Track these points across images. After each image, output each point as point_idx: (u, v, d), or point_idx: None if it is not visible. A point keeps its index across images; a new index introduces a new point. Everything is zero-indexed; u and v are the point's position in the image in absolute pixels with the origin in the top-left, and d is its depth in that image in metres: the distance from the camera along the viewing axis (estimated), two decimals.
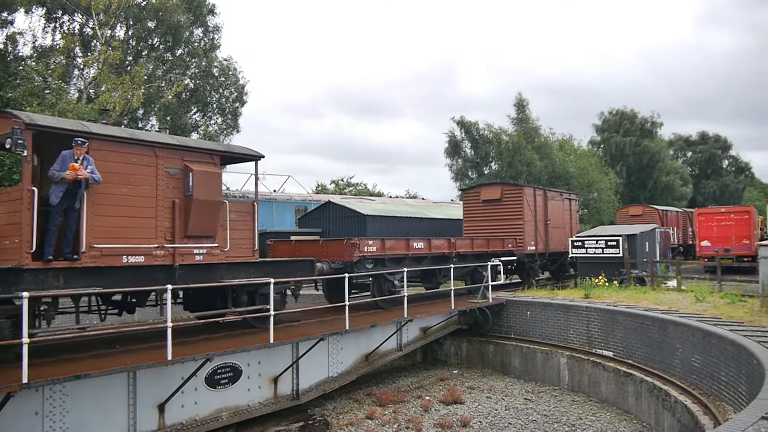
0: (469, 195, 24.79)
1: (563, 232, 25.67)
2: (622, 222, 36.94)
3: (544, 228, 24.07)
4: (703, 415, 9.96)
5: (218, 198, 11.41)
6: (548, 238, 24.21)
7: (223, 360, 11.01)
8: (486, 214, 23.60)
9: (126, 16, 31.61)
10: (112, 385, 9.46)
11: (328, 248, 15.27)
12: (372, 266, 15.41)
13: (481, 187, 24.69)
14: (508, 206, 23.00)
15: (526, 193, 23.14)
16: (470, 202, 24.44)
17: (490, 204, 23.56)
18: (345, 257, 14.66)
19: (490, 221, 23.28)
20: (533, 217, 23.24)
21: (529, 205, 23.04)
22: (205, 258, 11.27)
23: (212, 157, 11.64)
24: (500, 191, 23.32)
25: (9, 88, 25.72)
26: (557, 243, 24.90)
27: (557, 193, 26.23)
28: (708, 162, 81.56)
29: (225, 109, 37.31)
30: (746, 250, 28.28)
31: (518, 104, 48.43)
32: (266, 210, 30.14)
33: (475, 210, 24.08)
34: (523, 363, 16.35)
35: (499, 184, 24.66)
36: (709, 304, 15.09)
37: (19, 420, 8.42)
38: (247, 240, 12.23)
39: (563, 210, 26.01)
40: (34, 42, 31.02)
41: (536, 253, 23.44)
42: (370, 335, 14.39)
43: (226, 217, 11.72)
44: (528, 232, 22.76)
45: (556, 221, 25.06)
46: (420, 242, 17.07)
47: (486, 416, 12.69)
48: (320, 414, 12.86)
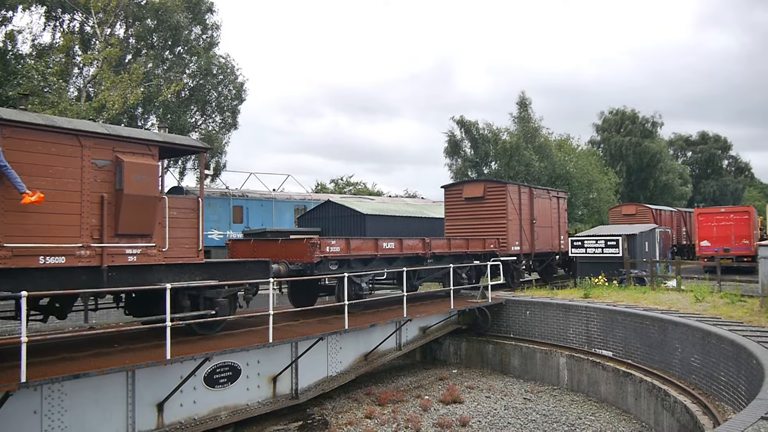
0: (450, 193, 23.54)
1: (550, 231, 24.86)
2: (615, 221, 36.64)
3: (530, 227, 23.19)
4: (703, 415, 9.95)
5: (154, 193, 10.33)
6: (534, 238, 23.31)
7: (222, 359, 11.01)
8: (468, 212, 22.64)
9: (125, 15, 31.59)
10: (111, 384, 9.45)
11: (287, 249, 14.11)
12: (336, 268, 14.33)
13: (464, 185, 23.51)
14: (492, 204, 22.02)
15: (510, 191, 22.20)
16: (452, 201, 23.33)
17: (472, 202, 22.54)
18: (305, 258, 13.62)
19: (472, 220, 22.35)
20: (518, 215, 22.39)
21: (514, 204, 22.15)
22: (139, 259, 10.20)
23: (149, 148, 10.56)
24: (483, 189, 22.27)
25: (9, 87, 25.70)
26: (544, 243, 24.14)
27: (544, 191, 25.13)
28: (708, 162, 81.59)
29: (224, 108, 37.30)
30: (746, 250, 28.29)
31: (521, 102, 48.43)
32: (266, 209, 30.16)
33: (457, 208, 23.08)
34: (522, 363, 16.34)
35: (481, 181, 23.58)
36: (708, 304, 15.09)
37: (18, 419, 8.42)
38: (191, 239, 11.16)
39: (551, 208, 25.05)
40: (33, 40, 31.03)
41: (521, 254, 22.38)
42: (369, 335, 14.38)
43: (165, 214, 10.66)
44: (512, 232, 21.86)
45: (542, 220, 24.18)
46: (390, 242, 15.95)
47: (485, 416, 12.68)
48: (319, 413, 12.85)
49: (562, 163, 45.43)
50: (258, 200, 30.08)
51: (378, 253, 15.32)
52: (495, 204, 21.91)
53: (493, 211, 21.90)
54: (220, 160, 38.13)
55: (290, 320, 13.99)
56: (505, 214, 21.65)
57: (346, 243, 14.55)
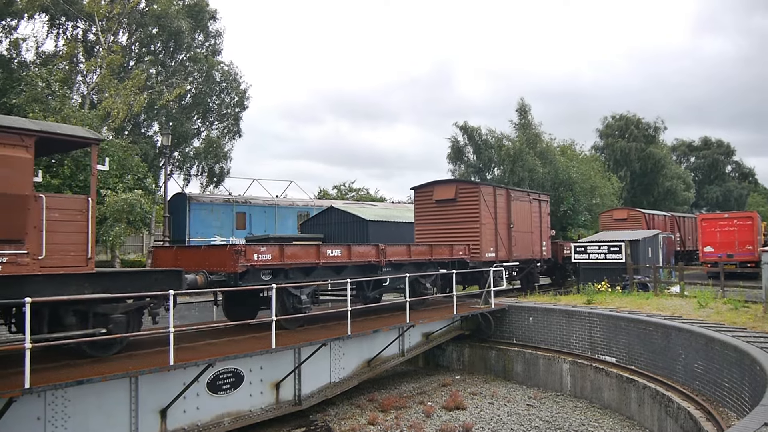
0: (420, 194, 21.90)
1: (530, 236, 23.43)
2: (606, 227, 35.37)
3: (507, 232, 21.72)
4: (706, 422, 9.93)
5: (25, 191, 8.85)
6: (512, 244, 21.86)
7: (225, 365, 11.02)
8: (439, 216, 21.08)
9: (128, 22, 31.77)
10: (114, 390, 9.46)
11: (209, 256, 12.62)
12: (270, 278, 12.81)
13: (434, 185, 21.61)
14: (464, 207, 20.49)
15: (484, 192, 20.58)
16: (422, 203, 21.76)
17: (443, 205, 20.95)
18: (227, 267, 12.07)
19: (443, 224, 20.84)
20: (493, 219, 20.82)
21: (488, 206, 20.63)
22: (5, 268, 8.58)
23: (21, 139, 8.96)
24: (455, 190, 20.74)
25: (13, 95, 25.83)
26: (523, 249, 22.69)
27: (523, 193, 23.75)
28: (711, 167, 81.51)
29: (226, 114, 37.43)
30: (749, 255, 28.23)
31: (520, 109, 48.47)
32: (269, 215, 30.22)
33: (427, 211, 21.53)
34: (525, 369, 16.31)
35: (453, 181, 21.78)
36: (712, 310, 15.05)
37: (21, 425, 8.43)
38: (78, 246, 9.49)
39: (531, 212, 23.57)
40: (37, 48, 31.22)
41: (496, 261, 20.70)
42: (372, 341, 14.37)
43: (42, 216, 9.06)
44: (486, 237, 20.33)
45: (521, 225, 22.68)
46: (336, 249, 14.49)
47: (488, 422, 12.65)
48: (322, 420, 12.84)
49: (565, 169, 45.43)
50: (261, 206, 30.14)
51: (320, 261, 13.79)
52: (467, 207, 20.47)
53: (465, 215, 20.46)
54: (224, 166, 38.24)
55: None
56: (478, 217, 20.24)
57: (280, 250, 13.03)
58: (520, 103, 48.55)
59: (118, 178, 22.56)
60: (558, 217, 44.37)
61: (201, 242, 24.89)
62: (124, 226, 20.58)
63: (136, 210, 20.23)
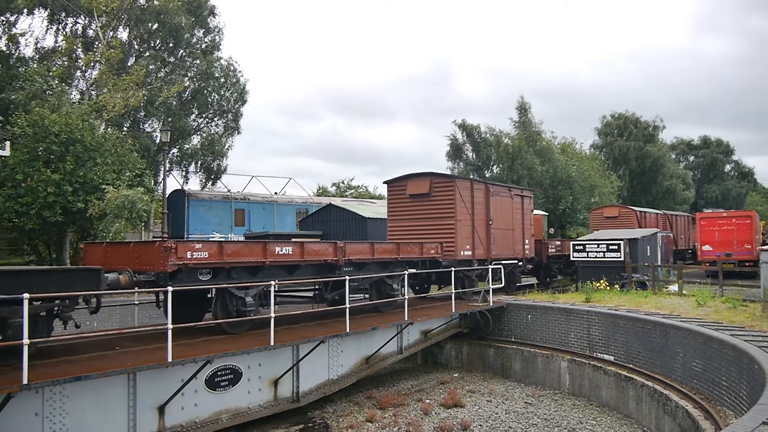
0: (393, 188, 20.56)
1: (511, 234, 22.05)
2: (596, 225, 34.84)
3: (486, 229, 20.41)
4: (704, 420, 9.94)
5: None
6: (490, 242, 20.52)
7: (224, 362, 11.01)
8: (413, 211, 19.81)
9: (128, 18, 31.68)
10: (112, 387, 9.45)
11: (139, 254, 11.43)
12: (210, 278, 11.73)
13: (408, 179, 20.15)
14: (438, 202, 19.25)
15: (460, 187, 19.35)
16: (395, 198, 20.43)
17: (417, 200, 19.67)
18: (156, 266, 10.89)
19: (417, 220, 19.62)
20: (470, 215, 19.57)
21: (464, 202, 19.36)
22: None
23: None
24: (429, 184, 19.39)
25: (11, 90, 25.78)
26: (503, 248, 21.34)
27: (504, 189, 22.37)
28: (710, 166, 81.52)
29: (225, 111, 37.35)
30: (748, 254, 28.27)
31: (520, 107, 48.45)
32: (268, 212, 30.20)
33: (400, 207, 20.19)
34: (523, 366, 16.32)
35: (428, 175, 19.99)
36: (710, 309, 15.07)
37: (19, 421, 8.42)
38: None
39: (512, 209, 22.21)
40: (36, 43, 31.13)
41: (473, 260, 19.54)
42: (370, 338, 14.38)
43: None
44: (462, 234, 19.10)
45: (501, 222, 21.35)
46: (287, 247, 13.17)
47: (486, 420, 12.66)
48: (320, 417, 12.85)
49: (564, 167, 45.42)
50: (260, 203, 30.12)
51: (267, 260, 12.56)
52: (442, 202, 19.21)
53: (440, 210, 19.23)
54: (222, 163, 38.18)
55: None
56: (454, 213, 18.95)
57: (218, 247, 11.83)
58: (521, 101, 48.55)
59: (116, 174, 22.50)
60: (557, 215, 44.42)
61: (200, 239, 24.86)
62: (124, 222, 20.54)
63: (138, 206, 20.19)
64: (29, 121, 21.46)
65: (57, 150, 21.40)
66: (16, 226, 22.33)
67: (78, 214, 21.44)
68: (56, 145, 21.29)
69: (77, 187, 21.20)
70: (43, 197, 20.57)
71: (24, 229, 21.69)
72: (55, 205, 20.79)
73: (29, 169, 21.04)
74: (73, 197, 20.98)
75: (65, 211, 21.20)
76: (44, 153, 21.73)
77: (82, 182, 21.31)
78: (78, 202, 20.95)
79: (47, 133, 21.23)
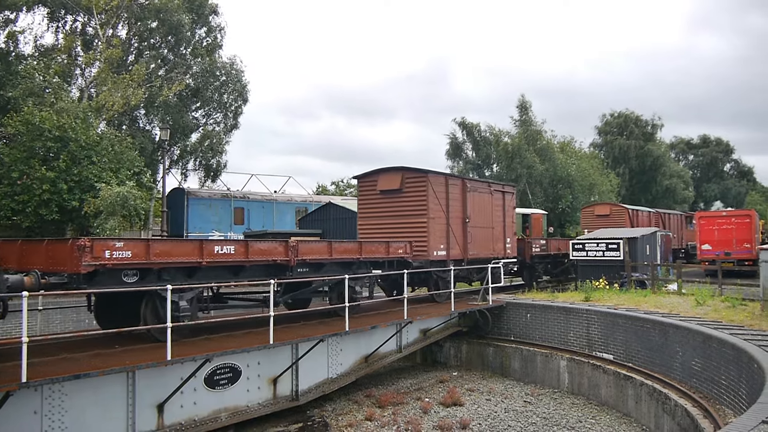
0: (364, 183, 19.24)
1: (491, 233, 20.69)
2: (587, 224, 34.29)
3: (462, 228, 19.11)
4: (703, 419, 9.94)
5: None
6: (467, 241, 19.22)
7: (223, 360, 11.00)
8: (384, 208, 18.49)
9: (127, 16, 31.64)
10: (112, 385, 9.44)
11: (53, 253, 10.14)
12: (136, 280, 10.39)
13: (379, 174, 18.80)
14: (410, 199, 17.96)
15: (433, 182, 17.99)
16: (366, 194, 19.11)
17: (388, 196, 18.36)
18: (68, 266, 9.61)
19: (388, 218, 18.29)
20: (444, 213, 18.29)
21: (438, 198, 18.11)
22: None
23: None
24: (400, 179, 18.04)
25: (9, 87, 25.74)
26: (481, 247, 20.07)
27: (483, 184, 21.00)
28: (710, 165, 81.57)
29: (226, 109, 37.33)
30: (747, 253, 28.27)
31: (521, 106, 48.46)
32: (267, 211, 30.18)
33: (371, 203, 18.88)
34: (522, 365, 16.32)
35: (399, 169, 18.45)
36: (709, 308, 15.07)
37: (18, 419, 8.41)
38: None
39: (492, 205, 20.81)
40: (35, 41, 31.09)
41: (448, 260, 18.30)
42: (369, 337, 14.37)
43: None
44: (435, 233, 17.84)
45: (479, 219, 20.00)
46: (228, 246, 11.90)
47: (485, 418, 12.66)
48: (319, 415, 12.84)
49: (564, 166, 45.43)
50: (259, 202, 30.09)
51: (204, 260, 11.19)
52: (414, 198, 17.92)
53: (411, 207, 17.91)
54: (221, 160, 38.16)
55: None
56: (426, 210, 17.64)
57: (145, 246, 10.43)
58: (521, 99, 48.58)
59: (113, 172, 22.48)
60: (557, 214, 44.46)
61: (199, 237, 24.84)
62: (118, 219, 20.52)
63: (130, 203, 20.14)
64: (22, 120, 21.44)
65: (53, 147, 21.38)
66: (13, 224, 22.33)
67: (74, 212, 21.43)
68: (51, 141, 21.26)
69: (72, 186, 21.17)
70: (38, 195, 20.55)
71: (21, 226, 21.67)
72: (50, 203, 20.77)
73: (25, 167, 21.02)
74: (69, 195, 20.96)
75: (61, 209, 21.18)
76: (41, 151, 21.71)
77: (77, 180, 21.29)
78: (73, 200, 20.93)
79: (40, 130, 21.21)
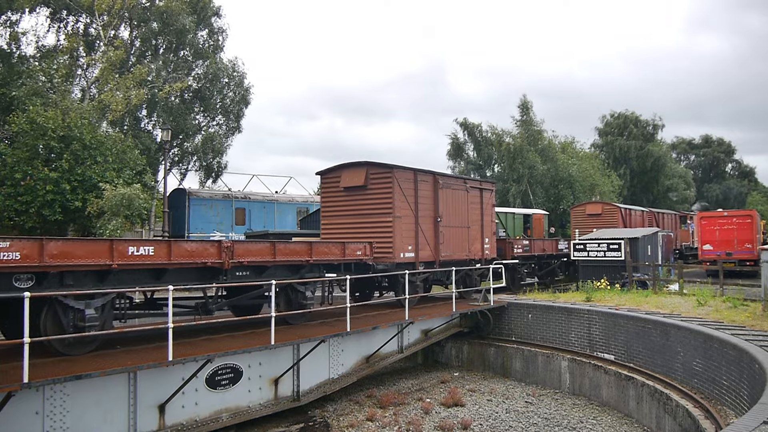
0: (327, 180, 17.92)
1: (467, 233, 19.32)
2: (578, 224, 33.47)
3: (433, 227, 17.86)
4: (705, 420, 9.93)
5: None
6: (439, 242, 17.91)
7: (224, 361, 11.01)
8: (347, 206, 17.25)
9: (130, 17, 31.67)
10: (113, 385, 9.45)
11: None
12: (32, 284, 9.01)
13: (342, 169, 17.49)
14: (375, 196, 16.70)
15: (400, 178, 16.68)
16: (329, 191, 17.86)
17: (352, 193, 17.12)
18: None
19: (352, 217, 17.06)
20: (413, 211, 17.00)
21: (406, 195, 16.81)
22: None
23: None
24: (365, 175, 16.75)
25: (13, 87, 25.80)
26: (456, 248, 18.78)
27: (458, 181, 19.53)
28: (711, 166, 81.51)
29: (228, 111, 37.33)
30: (748, 254, 28.24)
31: (522, 106, 48.42)
32: (268, 211, 30.19)
33: (334, 201, 17.63)
34: (524, 366, 16.32)
35: (364, 164, 17.11)
36: (711, 308, 15.06)
37: (20, 419, 8.43)
38: None
39: (468, 203, 19.46)
40: (37, 41, 31.13)
41: (417, 263, 17.10)
42: (371, 337, 14.38)
43: None
44: (401, 233, 16.53)
45: (454, 218, 18.69)
46: (146, 246, 10.30)
47: (487, 419, 12.66)
48: (320, 415, 12.85)
49: (565, 166, 45.40)
50: (260, 202, 30.11)
51: (114, 262, 9.75)
52: (379, 195, 16.67)
53: (376, 205, 16.68)
54: (222, 161, 38.17)
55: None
56: (391, 209, 16.36)
57: (38, 247, 8.82)
58: (523, 99, 48.53)
59: (116, 172, 22.52)
60: (558, 214, 44.44)
61: (201, 237, 24.87)
62: (121, 220, 20.57)
63: (135, 204, 20.20)
64: (27, 119, 21.47)
65: (56, 146, 21.42)
66: (16, 225, 22.37)
67: (77, 212, 21.47)
68: (55, 141, 21.29)
69: (75, 186, 21.21)
70: (42, 196, 20.58)
71: (24, 227, 21.72)
72: (54, 203, 20.80)
73: (28, 168, 21.06)
74: (72, 195, 20.99)
75: (64, 209, 21.22)
76: (44, 151, 21.76)
77: (80, 180, 21.32)
78: (76, 201, 20.96)
79: (44, 130, 21.24)
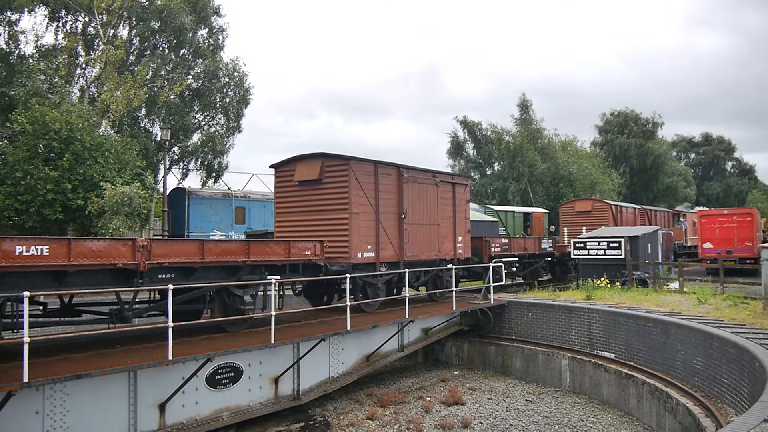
0: (281, 174, 16.60)
1: (435, 230, 17.92)
2: (567, 221, 32.75)
3: (397, 225, 16.47)
4: (705, 418, 9.93)
5: None
6: (403, 240, 16.54)
7: (224, 360, 11.00)
8: (302, 202, 15.96)
9: (129, 16, 31.64)
10: (113, 385, 9.45)
11: None
12: None
13: (297, 162, 16.11)
14: (330, 191, 15.38)
15: (357, 171, 15.27)
16: (283, 185, 16.54)
17: (307, 187, 15.83)
18: None
19: (306, 214, 15.76)
20: (373, 207, 15.66)
21: (364, 190, 15.46)
22: None
23: None
24: (320, 168, 15.39)
25: (12, 87, 25.78)
26: (423, 247, 17.42)
27: (426, 174, 17.81)
28: (711, 164, 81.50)
29: (228, 110, 37.31)
30: (749, 252, 28.20)
31: (522, 105, 48.40)
32: (268, 210, 30.18)
33: (288, 196, 16.36)
34: (524, 364, 16.32)
35: (319, 156, 15.72)
36: (711, 306, 15.05)
37: (20, 419, 8.42)
38: None
39: (437, 199, 18.02)
40: (36, 41, 31.11)
41: (378, 263, 15.77)
42: (371, 336, 14.37)
43: None
44: (359, 231, 15.18)
45: (421, 215, 17.33)
46: (40, 245, 8.74)
47: (487, 417, 12.66)
48: (321, 414, 12.85)
49: (565, 165, 45.39)
50: (260, 201, 30.11)
51: (2, 262, 8.36)
52: (334, 190, 15.31)
53: (331, 201, 15.33)
54: (222, 161, 38.16)
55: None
56: (347, 204, 15.01)
57: None
58: (522, 98, 48.52)
59: (116, 172, 22.52)
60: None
61: (200, 237, 24.85)
62: (122, 219, 20.57)
63: (135, 203, 20.21)
64: (29, 118, 21.46)
65: (57, 147, 21.41)
66: (16, 224, 22.36)
67: (77, 211, 21.46)
68: (56, 141, 21.29)
69: (76, 185, 21.20)
70: (42, 195, 20.57)
71: (24, 227, 21.71)
72: (54, 202, 20.79)
73: (29, 167, 21.05)
74: (73, 195, 20.99)
75: (65, 208, 21.21)
76: (44, 150, 21.74)
77: (81, 180, 21.32)
78: (77, 200, 20.95)
79: (47, 129, 21.23)
